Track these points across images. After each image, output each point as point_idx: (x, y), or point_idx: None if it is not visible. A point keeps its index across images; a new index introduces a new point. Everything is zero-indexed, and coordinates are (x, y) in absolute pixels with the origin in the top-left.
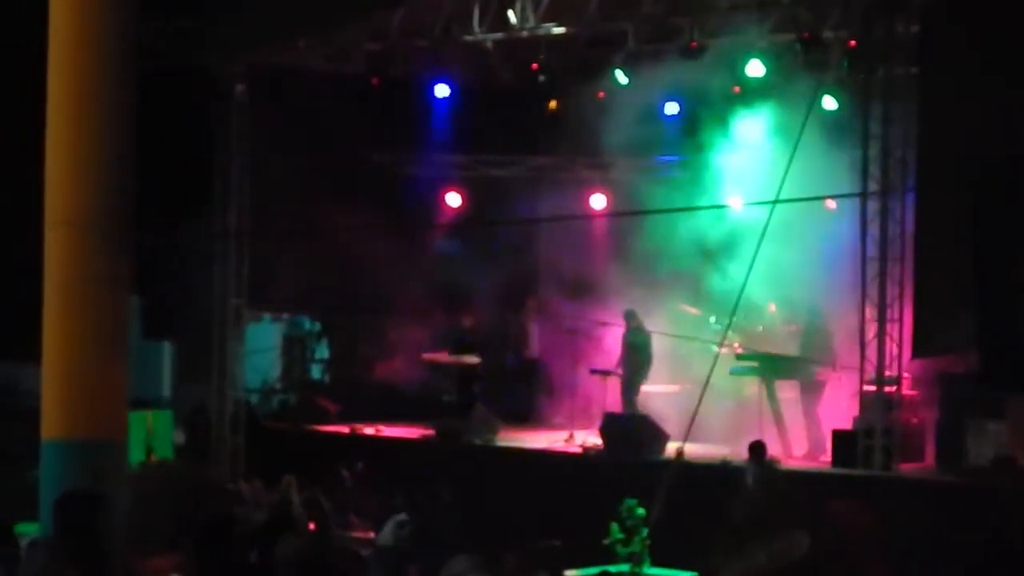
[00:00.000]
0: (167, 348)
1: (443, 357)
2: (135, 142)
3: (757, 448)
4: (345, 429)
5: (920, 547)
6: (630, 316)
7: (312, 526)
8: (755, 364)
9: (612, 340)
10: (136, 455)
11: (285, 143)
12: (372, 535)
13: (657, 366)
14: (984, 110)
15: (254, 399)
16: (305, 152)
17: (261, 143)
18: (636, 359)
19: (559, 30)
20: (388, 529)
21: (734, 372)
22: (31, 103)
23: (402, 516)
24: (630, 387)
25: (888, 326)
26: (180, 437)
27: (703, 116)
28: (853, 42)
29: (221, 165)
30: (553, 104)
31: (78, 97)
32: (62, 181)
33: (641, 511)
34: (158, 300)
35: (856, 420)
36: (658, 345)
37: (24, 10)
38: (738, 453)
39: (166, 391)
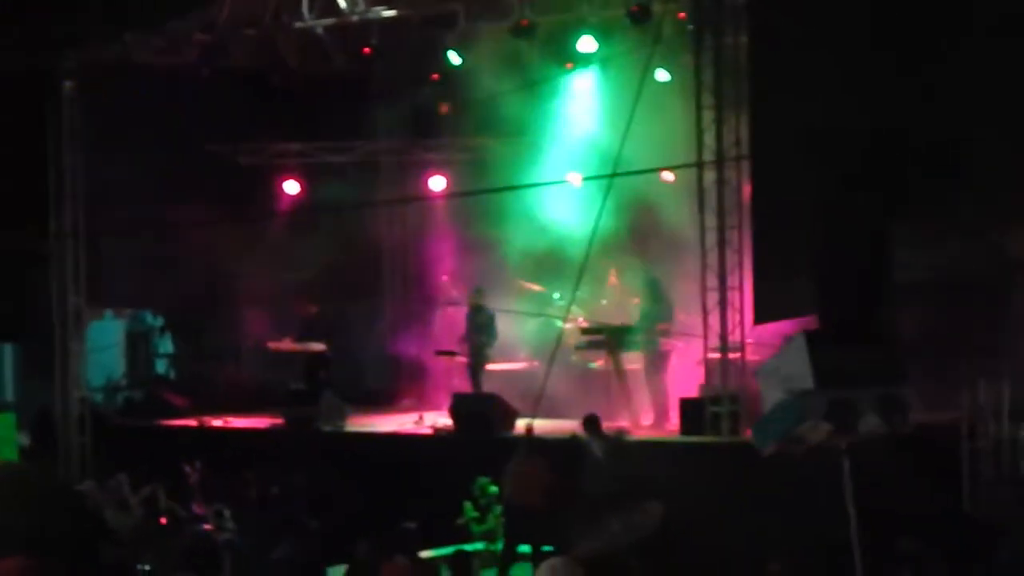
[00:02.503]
0: (8, 350)
1: (289, 345)
2: None
3: (592, 421)
4: (193, 422)
5: (770, 511)
6: (475, 294)
7: (163, 520)
8: (600, 337)
9: (455, 321)
10: None
11: (119, 138)
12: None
13: (502, 344)
14: (814, 77)
15: (99, 397)
16: (140, 147)
17: (95, 140)
18: (481, 338)
19: (389, 13)
20: (217, 524)
21: (579, 346)
22: None
23: (219, 506)
24: (477, 366)
25: (729, 294)
26: (25, 439)
27: (538, 94)
28: (683, 14)
29: (54, 164)
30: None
31: None
32: None
33: (494, 489)
34: None
35: (702, 388)
36: (503, 323)
37: None
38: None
39: (9, 394)
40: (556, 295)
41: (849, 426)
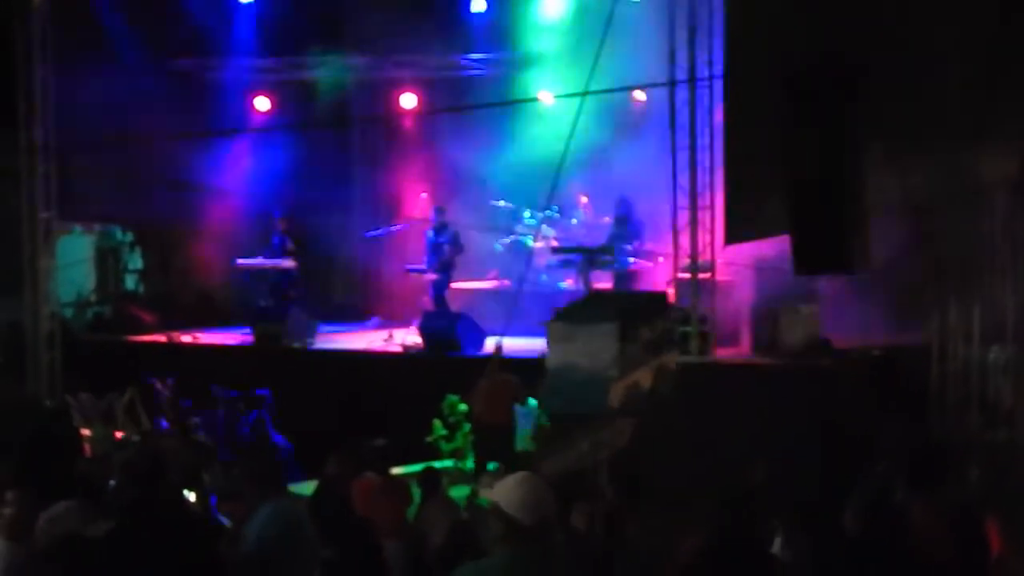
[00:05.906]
0: None
1: (258, 262)
2: None
3: None
4: (162, 338)
5: (739, 430)
6: (439, 212)
7: (119, 434)
8: (570, 257)
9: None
10: None
11: (90, 53)
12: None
13: (472, 262)
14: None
15: (68, 313)
16: (110, 62)
17: (65, 54)
18: (444, 257)
19: None
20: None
21: (550, 265)
22: None
23: (187, 421)
24: (443, 283)
25: (700, 214)
26: None
27: (510, 11)
28: None
29: (23, 79)
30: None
31: None
32: None
33: (463, 407)
34: None
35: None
36: (473, 241)
37: None
38: None
39: None
40: (527, 214)
41: None
